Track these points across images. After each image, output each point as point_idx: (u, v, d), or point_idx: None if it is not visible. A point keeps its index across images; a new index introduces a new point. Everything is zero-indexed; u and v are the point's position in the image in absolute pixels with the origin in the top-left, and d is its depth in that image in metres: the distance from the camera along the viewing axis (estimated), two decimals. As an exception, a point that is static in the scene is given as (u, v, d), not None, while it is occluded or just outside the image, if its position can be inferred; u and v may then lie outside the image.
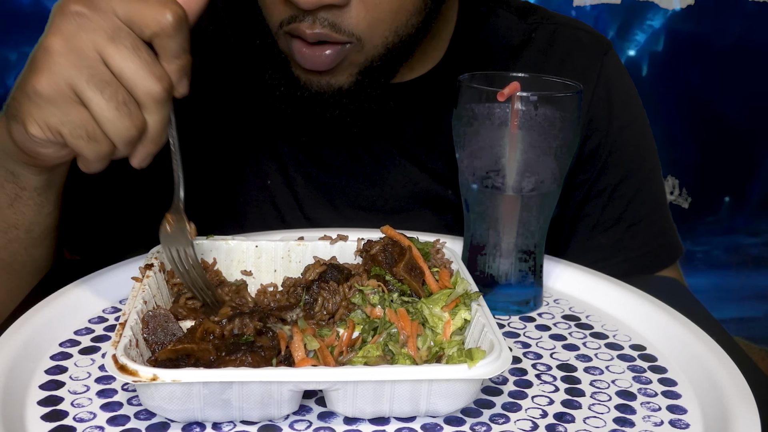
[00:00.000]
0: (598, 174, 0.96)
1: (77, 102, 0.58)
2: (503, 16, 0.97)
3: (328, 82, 0.81)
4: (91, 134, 0.59)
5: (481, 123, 0.70)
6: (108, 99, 0.58)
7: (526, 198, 0.71)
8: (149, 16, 0.58)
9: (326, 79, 0.81)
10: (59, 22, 0.58)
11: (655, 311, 0.73)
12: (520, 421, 0.57)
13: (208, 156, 0.94)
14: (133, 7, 0.58)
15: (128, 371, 0.51)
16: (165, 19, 0.58)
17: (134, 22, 0.58)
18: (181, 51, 0.60)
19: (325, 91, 0.81)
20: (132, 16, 0.58)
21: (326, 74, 0.80)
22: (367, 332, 0.60)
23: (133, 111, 0.59)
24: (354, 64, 0.80)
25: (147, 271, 0.65)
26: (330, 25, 0.75)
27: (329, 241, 0.72)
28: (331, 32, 0.75)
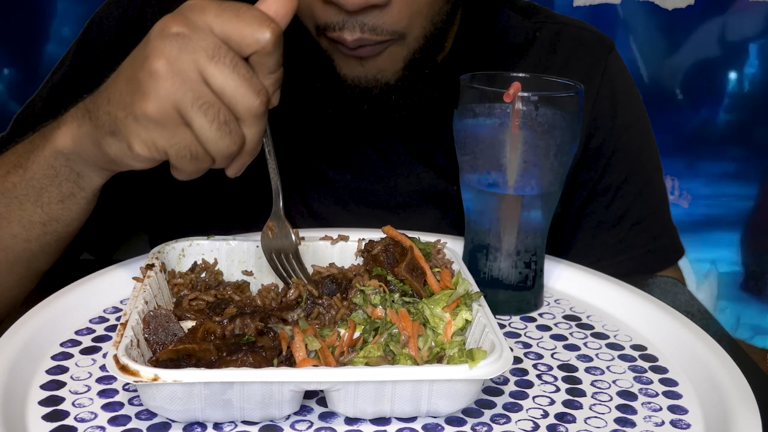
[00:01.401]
0: (602, 172, 0.96)
1: (183, 123, 0.60)
2: (507, 14, 0.97)
3: (375, 77, 0.81)
4: (194, 154, 0.61)
5: (481, 123, 0.70)
6: (211, 120, 0.60)
7: (526, 198, 0.71)
8: (249, 35, 0.59)
9: (373, 74, 0.81)
10: (161, 45, 0.60)
11: (655, 311, 0.73)
12: (521, 421, 0.57)
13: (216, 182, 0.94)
14: (231, 24, 0.60)
15: (129, 371, 0.51)
16: (264, 38, 0.59)
17: (233, 39, 0.60)
18: (277, 66, 0.62)
19: (373, 86, 0.82)
20: (230, 34, 0.60)
21: (372, 68, 0.80)
22: (368, 332, 0.60)
23: (233, 129, 0.61)
24: (397, 57, 0.80)
25: (148, 271, 0.65)
26: (370, 30, 0.75)
27: (330, 242, 0.72)
28: (372, 36, 0.76)
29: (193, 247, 0.71)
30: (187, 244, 0.71)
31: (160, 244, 0.70)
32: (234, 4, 0.61)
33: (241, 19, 0.60)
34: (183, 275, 0.69)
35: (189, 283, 0.68)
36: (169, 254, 0.70)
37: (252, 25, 0.59)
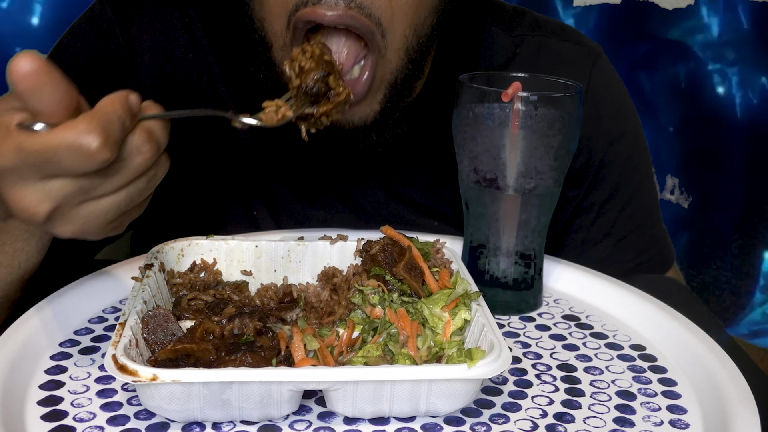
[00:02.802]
0: (587, 191, 0.95)
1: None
2: (488, 31, 0.93)
3: (350, 120, 0.76)
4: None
5: (481, 123, 0.70)
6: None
7: (526, 198, 0.71)
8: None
9: (348, 117, 0.76)
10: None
11: (655, 311, 0.73)
12: (520, 421, 0.57)
13: (196, 187, 0.92)
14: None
15: (128, 371, 0.51)
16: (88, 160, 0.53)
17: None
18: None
19: (345, 129, 0.77)
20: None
21: (351, 110, 0.74)
22: (367, 332, 0.60)
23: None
24: (379, 84, 0.76)
25: (147, 271, 0.65)
26: (358, 8, 0.70)
27: (329, 241, 0.72)
28: (360, 15, 0.71)
29: (192, 246, 0.71)
30: (186, 244, 0.71)
31: (159, 244, 0.70)
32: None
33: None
34: (182, 275, 0.69)
35: (188, 282, 0.68)
36: (168, 254, 0.70)
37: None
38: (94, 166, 0.52)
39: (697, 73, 1.76)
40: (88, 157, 0.51)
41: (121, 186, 0.55)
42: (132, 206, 0.58)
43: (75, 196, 0.54)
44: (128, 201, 0.57)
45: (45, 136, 0.51)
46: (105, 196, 0.55)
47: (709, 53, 1.75)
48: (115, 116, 0.53)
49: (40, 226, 0.56)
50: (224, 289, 0.68)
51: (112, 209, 0.56)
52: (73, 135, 0.51)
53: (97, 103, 0.53)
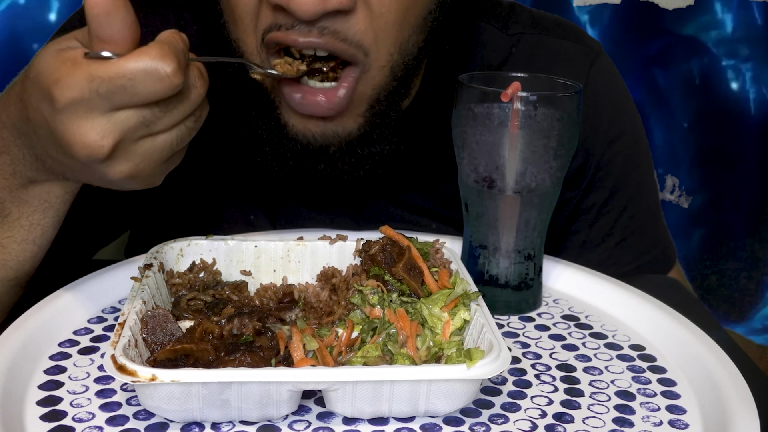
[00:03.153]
0: (585, 192, 0.94)
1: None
2: (483, 30, 0.92)
3: (334, 131, 0.74)
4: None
5: (480, 123, 0.70)
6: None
7: (525, 198, 0.71)
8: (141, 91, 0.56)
9: (332, 128, 0.74)
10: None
11: (654, 311, 0.73)
12: (519, 421, 0.57)
13: (194, 190, 0.92)
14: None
15: (127, 371, 0.51)
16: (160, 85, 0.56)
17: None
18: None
19: (331, 143, 0.75)
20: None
21: (330, 122, 0.73)
22: (366, 332, 0.60)
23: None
24: (362, 99, 0.74)
25: (146, 271, 0.65)
26: (331, 33, 0.68)
27: (329, 242, 0.72)
28: (336, 41, 0.69)
29: (191, 246, 0.71)
30: (186, 243, 0.71)
31: (159, 244, 0.70)
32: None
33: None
34: (181, 275, 0.69)
35: (187, 282, 0.68)
36: (167, 254, 0.70)
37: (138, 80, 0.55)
38: (168, 91, 0.55)
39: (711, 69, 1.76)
40: (164, 82, 0.54)
41: (178, 121, 0.58)
42: (180, 147, 0.60)
43: (138, 129, 0.56)
44: (179, 140, 0.60)
45: (120, 62, 0.54)
46: (162, 132, 0.58)
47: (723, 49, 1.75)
48: (179, 46, 0.56)
49: (100, 165, 0.57)
50: (223, 289, 0.68)
51: (166, 147, 0.59)
52: (149, 60, 0.54)
53: (158, 36, 0.57)
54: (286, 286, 0.70)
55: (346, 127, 0.75)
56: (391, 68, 0.74)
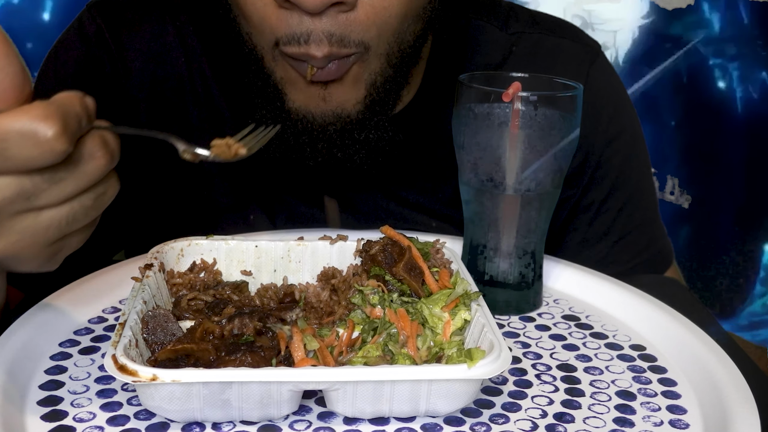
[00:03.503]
0: (584, 190, 0.94)
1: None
2: (483, 29, 0.92)
3: (334, 111, 0.75)
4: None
5: (480, 123, 0.70)
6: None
7: (525, 198, 0.71)
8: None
9: (332, 108, 0.75)
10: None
11: (655, 311, 0.73)
12: (519, 421, 0.57)
13: (191, 193, 0.92)
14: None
15: (128, 371, 0.51)
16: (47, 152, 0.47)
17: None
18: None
19: (331, 122, 0.76)
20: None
21: (335, 99, 0.75)
22: (366, 332, 0.60)
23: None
24: (359, 82, 0.75)
25: (147, 271, 0.65)
26: (338, 42, 0.70)
27: (329, 242, 0.72)
28: (340, 49, 0.70)
29: (191, 246, 0.71)
30: (186, 243, 0.71)
31: (159, 244, 0.70)
32: None
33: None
34: (182, 275, 0.69)
35: (188, 282, 0.68)
36: (167, 254, 0.70)
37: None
38: (47, 158, 0.46)
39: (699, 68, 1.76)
40: (43, 147, 0.45)
41: (68, 196, 0.49)
42: (73, 228, 0.51)
43: (15, 201, 0.48)
44: (71, 220, 0.50)
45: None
46: (48, 207, 0.49)
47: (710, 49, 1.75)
48: (72, 109, 0.47)
49: None
50: (224, 289, 0.68)
51: (53, 227, 0.50)
52: (26, 120, 0.45)
53: (53, 96, 0.48)
54: (287, 286, 0.70)
55: (345, 109, 0.76)
56: (386, 55, 0.75)
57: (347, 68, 0.73)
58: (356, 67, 0.74)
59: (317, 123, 0.76)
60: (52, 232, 0.50)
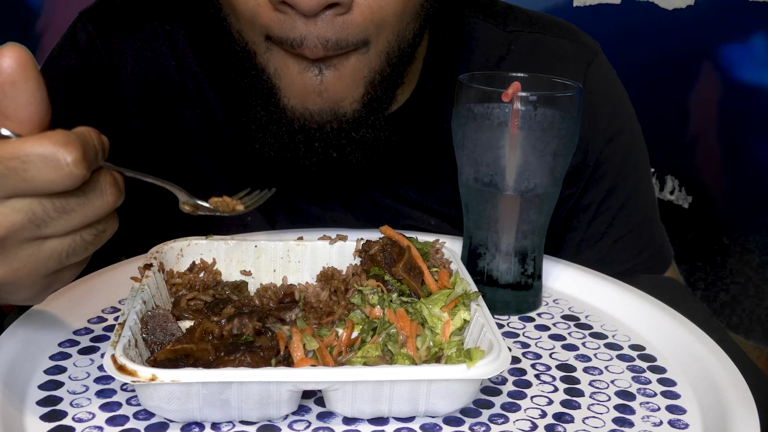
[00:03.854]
0: (584, 189, 0.94)
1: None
2: (480, 26, 0.93)
3: (332, 109, 0.75)
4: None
5: (480, 123, 0.70)
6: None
7: (525, 198, 0.71)
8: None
9: (330, 106, 0.75)
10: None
11: (654, 311, 0.73)
12: (519, 421, 0.57)
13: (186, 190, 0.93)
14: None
15: (127, 371, 0.51)
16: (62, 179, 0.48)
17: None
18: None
19: (328, 121, 0.76)
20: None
21: (332, 97, 0.74)
22: (366, 332, 0.60)
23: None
24: (358, 79, 0.75)
25: (146, 271, 0.65)
26: (334, 46, 0.70)
27: (329, 242, 0.72)
28: (336, 51, 0.70)
29: (191, 246, 0.71)
30: (186, 243, 0.71)
31: (159, 244, 0.70)
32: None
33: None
34: (181, 275, 0.69)
35: (187, 282, 0.68)
36: (167, 254, 0.70)
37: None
38: (66, 182, 0.47)
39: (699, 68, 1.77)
40: (62, 170, 0.47)
41: (73, 228, 0.50)
42: (71, 262, 0.52)
43: (25, 228, 0.49)
44: (71, 252, 0.51)
45: (17, 142, 0.47)
46: (53, 237, 0.50)
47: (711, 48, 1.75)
48: (90, 141, 0.49)
49: None
50: (223, 289, 0.68)
51: (53, 258, 0.51)
52: (49, 144, 0.47)
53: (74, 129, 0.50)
54: (288, 286, 0.70)
55: (342, 107, 0.75)
56: (387, 53, 0.75)
57: (344, 60, 0.73)
58: (355, 60, 0.73)
59: (314, 121, 0.76)
60: (51, 263, 0.51)
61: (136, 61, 0.90)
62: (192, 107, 0.90)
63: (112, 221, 0.54)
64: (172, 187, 0.58)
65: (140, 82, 0.90)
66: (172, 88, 0.90)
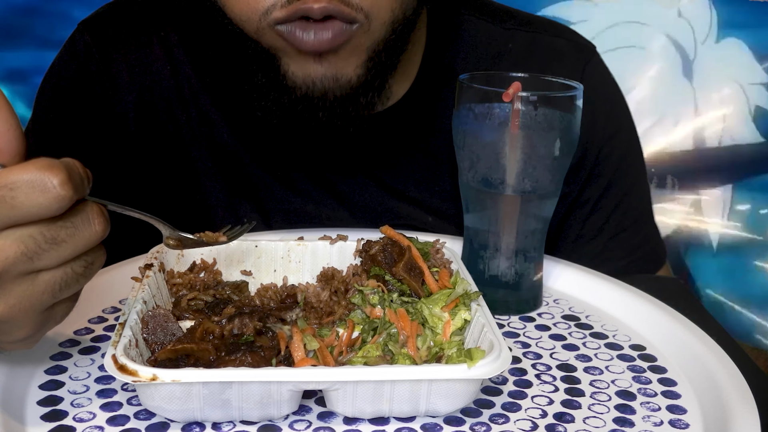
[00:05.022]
0: (582, 187, 0.95)
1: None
2: (477, 24, 0.93)
3: (334, 76, 0.74)
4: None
5: (480, 123, 0.70)
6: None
7: (525, 198, 0.71)
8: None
9: (332, 73, 0.74)
10: None
11: (655, 311, 0.73)
12: (519, 421, 0.57)
13: (182, 193, 0.93)
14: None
15: (128, 371, 0.51)
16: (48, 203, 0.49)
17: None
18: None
19: (330, 89, 0.75)
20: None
21: (333, 64, 0.74)
22: (366, 332, 0.60)
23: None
24: (360, 50, 0.75)
25: (147, 271, 0.65)
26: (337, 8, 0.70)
27: (329, 242, 0.72)
28: (340, 5, 0.69)
29: (192, 247, 0.71)
30: (186, 244, 0.71)
31: (159, 244, 0.70)
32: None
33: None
34: (182, 275, 0.69)
35: (188, 282, 0.68)
36: (167, 254, 0.70)
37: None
38: (53, 204, 0.48)
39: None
40: (50, 193, 0.47)
41: (64, 260, 0.51)
42: (63, 296, 0.52)
43: (19, 261, 0.49)
44: (63, 285, 0.52)
45: (1, 171, 0.48)
46: (45, 270, 0.51)
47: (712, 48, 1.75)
48: (75, 167, 0.50)
49: None
50: (224, 289, 0.68)
51: (48, 291, 0.51)
52: (34, 170, 0.47)
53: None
54: (289, 287, 0.70)
55: (345, 74, 0.75)
56: (391, 23, 0.75)
57: (344, 39, 0.72)
58: (358, 36, 0.73)
59: (317, 89, 0.75)
60: (46, 297, 0.51)
61: (131, 68, 0.92)
62: (187, 110, 0.92)
63: (99, 253, 0.54)
64: (156, 222, 0.59)
65: (136, 89, 0.92)
66: (167, 92, 0.92)
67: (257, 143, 0.91)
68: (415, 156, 0.91)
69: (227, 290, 0.68)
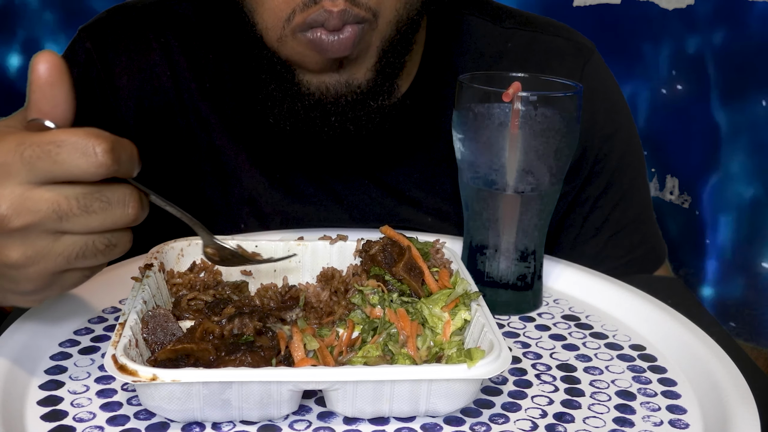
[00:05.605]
0: (581, 186, 0.95)
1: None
2: (477, 23, 0.94)
3: (346, 80, 0.77)
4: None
5: (480, 123, 0.70)
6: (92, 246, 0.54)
7: (525, 198, 0.71)
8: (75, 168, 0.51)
9: (345, 78, 0.77)
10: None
11: (655, 311, 0.73)
12: (519, 421, 0.57)
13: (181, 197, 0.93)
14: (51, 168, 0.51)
15: (128, 371, 0.51)
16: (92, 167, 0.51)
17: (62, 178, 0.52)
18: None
19: (343, 94, 0.77)
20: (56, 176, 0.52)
21: (344, 71, 0.76)
22: (366, 332, 0.60)
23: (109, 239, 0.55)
24: (371, 51, 0.76)
25: (147, 271, 0.65)
26: (351, 0, 0.71)
27: (329, 241, 0.72)
28: (352, 6, 0.71)
29: (192, 246, 0.71)
30: (186, 243, 0.71)
31: (159, 244, 0.70)
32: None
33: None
34: (182, 275, 0.69)
35: (188, 282, 0.68)
36: (167, 254, 0.70)
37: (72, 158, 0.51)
38: (92, 171, 0.50)
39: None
40: (91, 158, 0.50)
41: (90, 230, 0.53)
42: (77, 266, 0.54)
43: (49, 219, 0.51)
44: (80, 254, 0.53)
45: (54, 130, 0.52)
46: (69, 234, 0.52)
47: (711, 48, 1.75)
48: (123, 143, 0.53)
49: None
50: (224, 289, 0.68)
51: (64, 255, 0.53)
52: (82, 134, 0.51)
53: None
54: (291, 288, 0.70)
55: (357, 78, 0.77)
56: (396, 23, 0.76)
57: (360, 37, 0.74)
58: (368, 35, 0.75)
59: (330, 94, 0.77)
60: (61, 260, 0.53)
61: (131, 74, 0.92)
62: (187, 116, 0.92)
63: (125, 239, 0.55)
64: (197, 227, 0.62)
65: (136, 94, 0.92)
66: (168, 98, 0.92)
67: (256, 147, 0.91)
68: (414, 156, 0.91)
69: (227, 290, 0.68)
